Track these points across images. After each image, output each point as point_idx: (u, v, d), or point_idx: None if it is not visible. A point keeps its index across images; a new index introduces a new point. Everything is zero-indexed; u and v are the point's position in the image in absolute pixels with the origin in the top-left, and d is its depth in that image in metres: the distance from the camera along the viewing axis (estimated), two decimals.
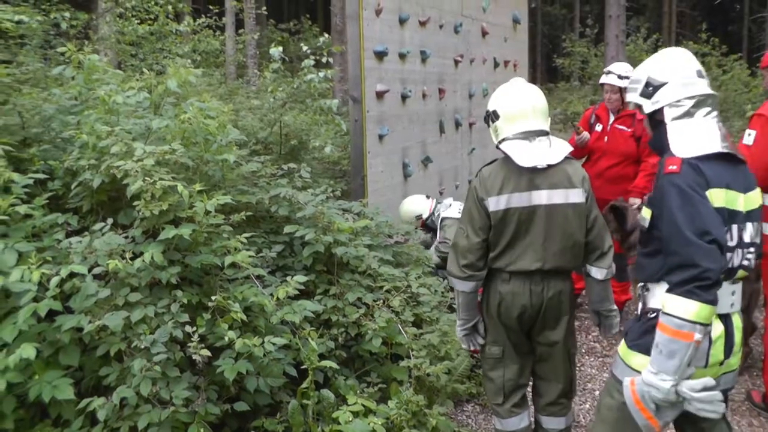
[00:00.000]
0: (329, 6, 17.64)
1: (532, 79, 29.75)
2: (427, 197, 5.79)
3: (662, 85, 2.60)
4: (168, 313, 3.30)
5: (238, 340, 3.22)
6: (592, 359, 5.13)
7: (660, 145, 2.61)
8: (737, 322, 2.55)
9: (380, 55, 5.89)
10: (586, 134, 5.71)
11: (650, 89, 2.62)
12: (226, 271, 3.64)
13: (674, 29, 31.56)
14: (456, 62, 7.47)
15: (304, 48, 6.88)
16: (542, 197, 3.06)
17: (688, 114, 2.54)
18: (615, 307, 3.36)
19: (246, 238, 3.67)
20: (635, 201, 5.34)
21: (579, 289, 5.55)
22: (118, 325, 3.09)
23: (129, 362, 3.12)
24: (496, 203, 3.07)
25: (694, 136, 2.49)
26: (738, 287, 2.57)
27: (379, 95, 5.90)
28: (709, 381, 2.32)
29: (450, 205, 5.60)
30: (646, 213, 2.57)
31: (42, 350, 3.02)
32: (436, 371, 3.85)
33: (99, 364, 3.23)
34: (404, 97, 6.35)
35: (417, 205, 5.69)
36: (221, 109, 4.32)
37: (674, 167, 2.42)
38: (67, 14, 7.69)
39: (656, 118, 2.64)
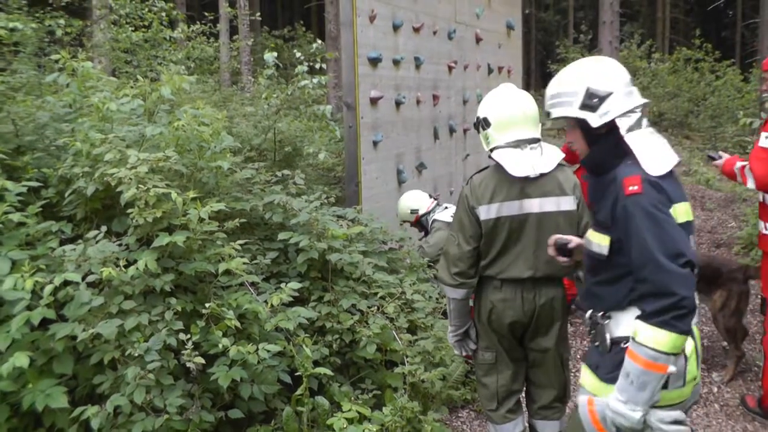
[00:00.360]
0: (323, 13, 17.66)
1: (527, 85, 29.87)
2: (430, 196, 5.78)
3: (608, 94, 2.37)
4: (162, 320, 3.29)
5: (233, 348, 3.22)
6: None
7: (603, 161, 2.42)
8: (697, 333, 2.46)
9: (374, 62, 5.90)
10: None
11: (595, 100, 2.37)
12: (220, 279, 3.64)
13: (668, 35, 31.68)
14: (450, 68, 7.49)
15: (298, 54, 6.88)
16: (533, 205, 3.06)
17: (638, 125, 2.39)
18: None
19: (240, 245, 3.67)
20: None
21: (572, 296, 5.55)
22: (111, 333, 3.09)
23: (123, 370, 3.11)
24: (487, 212, 3.08)
25: (655, 149, 2.36)
26: (697, 299, 2.42)
27: (373, 101, 5.91)
28: (680, 415, 2.27)
29: (446, 207, 5.60)
30: (602, 239, 2.38)
31: (35, 359, 3.02)
32: (430, 377, 3.85)
33: (93, 373, 3.22)
34: (398, 104, 6.36)
35: (416, 200, 5.64)
36: (215, 116, 4.33)
37: (635, 188, 2.25)
38: (61, 21, 7.70)
39: (597, 133, 2.41)
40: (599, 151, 2.43)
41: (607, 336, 2.42)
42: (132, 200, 3.43)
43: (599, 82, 2.38)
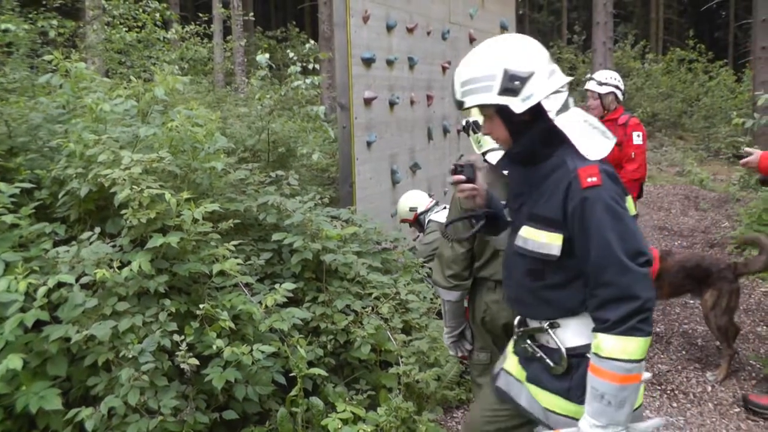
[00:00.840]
0: (317, 13, 17.67)
1: None
2: (430, 196, 5.79)
3: (530, 75, 2.06)
4: (156, 322, 3.29)
5: (227, 349, 3.22)
6: None
7: (534, 150, 2.17)
8: None
9: (368, 62, 5.91)
10: None
11: (516, 83, 2.05)
12: (214, 279, 3.64)
13: (661, 36, 31.78)
14: (444, 69, 7.50)
15: (291, 55, 6.88)
16: None
17: (566, 106, 2.12)
18: None
19: (234, 245, 3.67)
20: None
21: None
22: (105, 334, 3.08)
23: (117, 372, 3.10)
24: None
25: (590, 133, 2.11)
26: None
27: (367, 102, 5.91)
28: (659, 421, 2.15)
29: (444, 207, 5.61)
30: (552, 238, 2.08)
31: (29, 361, 3.01)
32: (425, 378, 3.85)
33: (87, 374, 3.21)
34: (392, 104, 6.36)
35: (416, 199, 5.66)
36: (209, 116, 4.32)
37: (594, 179, 2.00)
38: (54, 22, 7.68)
39: (520, 119, 2.11)
40: (529, 140, 2.15)
41: (562, 348, 2.15)
42: (126, 201, 3.42)
43: (518, 62, 2.07)
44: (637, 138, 5.39)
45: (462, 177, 2.36)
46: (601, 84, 5.60)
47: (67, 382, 3.23)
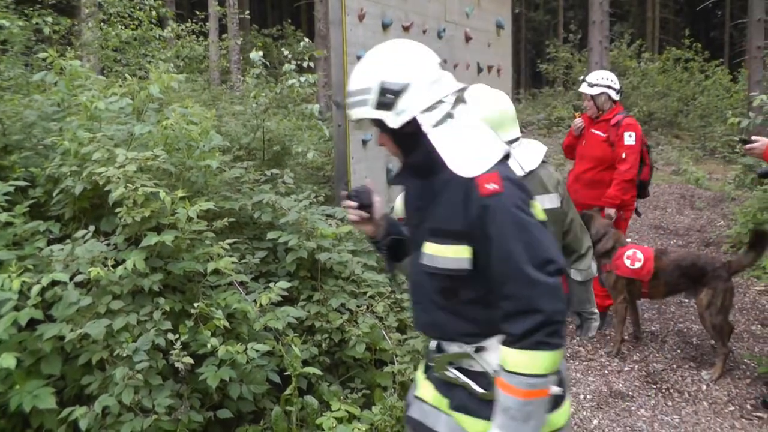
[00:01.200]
0: (313, 11, 17.65)
1: (516, 84, 29.94)
2: None
3: (404, 88, 1.94)
4: (150, 320, 3.28)
5: (221, 347, 3.22)
6: (576, 363, 5.15)
7: (424, 164, 2.01)
8: None
9: None
10: (577, 120, 5.94)
11: (389, 97, 1.94)
12: (208, 278, 3.63)
13: (657, 35, 31.82)
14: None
15: (286, 53, 6.87)
16: None
17: (449, 116, 1.99)
18: (596, 309, 3.39)
19: (229, 244, 3.67)
20: (609, 211, 5.42)
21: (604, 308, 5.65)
22: (100, 333, 3.07)
23: (111, 371, 3.10)
24: None
25: (469, 146, 1.96)
26: None
27: None
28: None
29: None
30: (459, 251, 1.91)
31: (23, 359, 3.00)
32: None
33: (81, 373, 3.20)
34: None
35: None
36: (204, 114, 4.32)
37: (495, 186, 1.85)
38: (49, 19, 7.66)
39: (406, 132, 1.98)
40: (420, 154, 2.01)
41: (489, 371, 1.97)
42: (120, 199, 3.42)
43: (393, 73, 1.95)
44: (629, 138, 5.39)
45: (353, 203, 2.27)
46: (591, 85, 5.64)
47: (61, 381, 3.22)
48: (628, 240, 5.34)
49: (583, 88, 5.73)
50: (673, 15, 36.66)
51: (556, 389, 1.88)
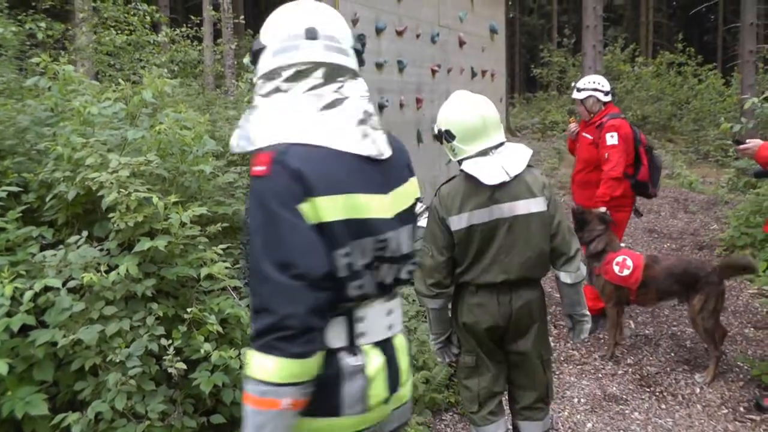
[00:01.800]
0: None
1: (511, 89, 30.00)
2: (420, 201, 5.80)
3: (261, 50, 1.84)
4: (143, 326, 3.27)
5: (215, 353, 3.21)
6: (570, 367, 5.16)
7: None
8: (400, 344, 1.97)
9: None
10: (571, 125, 6.11)
11: (255, 56, 1.86)
12: (202, 283, 3.62)
13: (651, 39, 31.94)
14: (433, 72, 7.51)
15: None
16: (503, 210, 3.06)
17: (278, 90, 1.80)
18: (587, 312, 3.39)
19: (222, 249, 3.66)
20: (601, 209, 5.44)
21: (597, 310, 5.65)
22: (92, 338, 3.06)
23: (104, 376, 3.09)
24: (458, 222, 3.08)
25: (293, 122, 1.75)
26: (396, 304, 1.98)
27: None
28: None
29: None
30: None
31: (15, 365, 2.99)
32: (414, 381, 3.85)
33: (74, 379, 3.19)
34: (381, 107, 6.37)
35: None
36: (197, 119, 4.31)
37: (262, 168, 1.67)
38: (42, 24, 7.64)
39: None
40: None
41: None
42: (113, 205, 3.41)
43: (262, 31, 1.87)
44: (611, 139, 5.44)
45: None
46: (579, 90, 5.82)
47: (53, 387, 3.20)
48: (622, 245, 5.34)
49: (574, 94, 5.88)
50: (667, 19, 36.85)
51: (286, 402, 1.62)
